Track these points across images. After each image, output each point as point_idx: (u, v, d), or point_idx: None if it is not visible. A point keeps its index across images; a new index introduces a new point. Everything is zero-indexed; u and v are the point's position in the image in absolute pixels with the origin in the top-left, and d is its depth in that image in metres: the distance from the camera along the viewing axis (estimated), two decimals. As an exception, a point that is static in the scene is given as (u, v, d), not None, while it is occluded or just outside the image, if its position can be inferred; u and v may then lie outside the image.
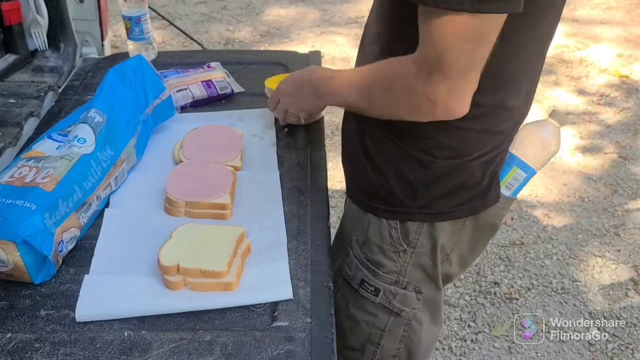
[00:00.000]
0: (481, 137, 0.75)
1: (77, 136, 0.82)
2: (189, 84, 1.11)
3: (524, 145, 0.81)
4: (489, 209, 0.82)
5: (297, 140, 1.01)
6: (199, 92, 1.10)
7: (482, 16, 0.55)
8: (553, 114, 0.82)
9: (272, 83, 1.04)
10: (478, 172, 0.78)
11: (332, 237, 0.85)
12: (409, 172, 0.78)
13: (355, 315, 0.89)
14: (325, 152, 1.00)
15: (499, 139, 0.77)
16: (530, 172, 0.81)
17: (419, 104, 0.63)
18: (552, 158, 0.84)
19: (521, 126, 0.82)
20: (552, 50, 3.27)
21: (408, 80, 0.63)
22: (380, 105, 0.71)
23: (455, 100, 0.61)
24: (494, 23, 0.57)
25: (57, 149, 0.83)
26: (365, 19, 0.83)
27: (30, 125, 1.05)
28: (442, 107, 0.62)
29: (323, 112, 1.09)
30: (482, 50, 0.58)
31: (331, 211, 1.23)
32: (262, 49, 3.03)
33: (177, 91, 1.09)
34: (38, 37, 1.23)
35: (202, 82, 1.12)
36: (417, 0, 0.57)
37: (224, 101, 1.13)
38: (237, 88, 1.15)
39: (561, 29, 3.37)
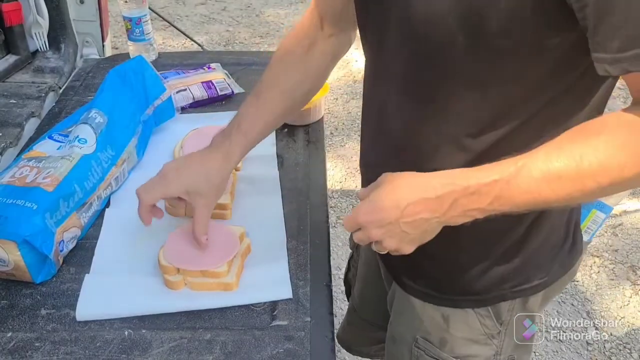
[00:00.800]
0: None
1: (77, 136, 0.83)
2: (189, 85, 1.11)
3: None
4: None
5: (297, 140, 1.02)
6: (199, 92, 1.11)
7: None
8: None
9: None
10: (562, 231, 0.70)
11: (331, 237, 0.85)
12: (501, 261, 0.67)
13: None
14: (325, 152, 1.01)
15: None
16: (608, 211, 0.74)
17: None
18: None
19: None
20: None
21: None
22: (609, 187, 0.50)
23: None
24: None
25: (57, 149, 0.84)
26: None
27: (31, 126, 1.05)
28: None
29: (322, 113, 1.09)
30: None
31: (330, 211, 1.23)
32: (262, 50, 3.04)
33: (178, 92, 1.09)
34: (39, 38, 1.23)
35: (202, 82, 1.12)
36: None
37: (224, 102, 1.13)
38: (237, 89, 1.16)
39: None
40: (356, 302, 1.05)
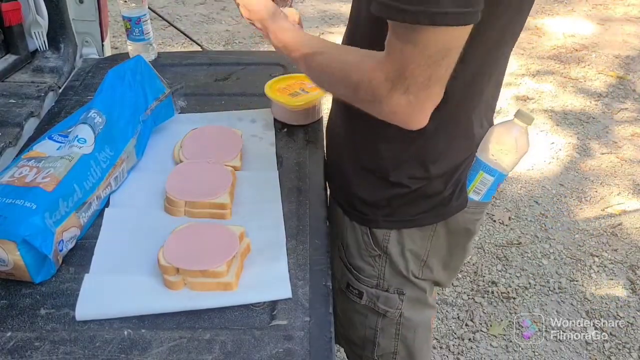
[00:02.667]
0: (446, 149, 0.76)
1: (77, 136, 0.83)
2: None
3: (490, 148, 0.78)
4: (458, 215, 0.81)
5: (296, 140, 1.02)
6: None
7: (441, 30, 0.54)
8: (518, 114, 0.78)
9: (270, 89, 1.05)
10: (439, 184, 0.78)
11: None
12: (371, 186, 0.81)
13: (349, 316, 0.92)
14: (324, 152, 1.01)
15: (465, 147, 0.78)
16: (498, 175, 0.79)
17: (381, 110, 0.63)
18: (522, 159, 0.80)
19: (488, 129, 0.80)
20: (550, 51, 3.28)
21: (373, 86, 0.61)
22: (340, 95, 0.72)
23: (416, 113, 0.61)
24: (455, 36, 0.55)
25: (57, 149, 0.84)
26: None
27: (30, 126, 1.05)
28: (401, 118, 0.62)
29: (322, 113, 1.09)
30: (445, 65, 0.57)
31: (330, 211, 1.20)
32: (261, 49, 3.04)
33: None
34: (38, 38, 1.23)
35: None
36: (378, 12, 0.56)
37: (223, 101, 1.13)
38: None
39: (559, 30, 3.38)
40: None
